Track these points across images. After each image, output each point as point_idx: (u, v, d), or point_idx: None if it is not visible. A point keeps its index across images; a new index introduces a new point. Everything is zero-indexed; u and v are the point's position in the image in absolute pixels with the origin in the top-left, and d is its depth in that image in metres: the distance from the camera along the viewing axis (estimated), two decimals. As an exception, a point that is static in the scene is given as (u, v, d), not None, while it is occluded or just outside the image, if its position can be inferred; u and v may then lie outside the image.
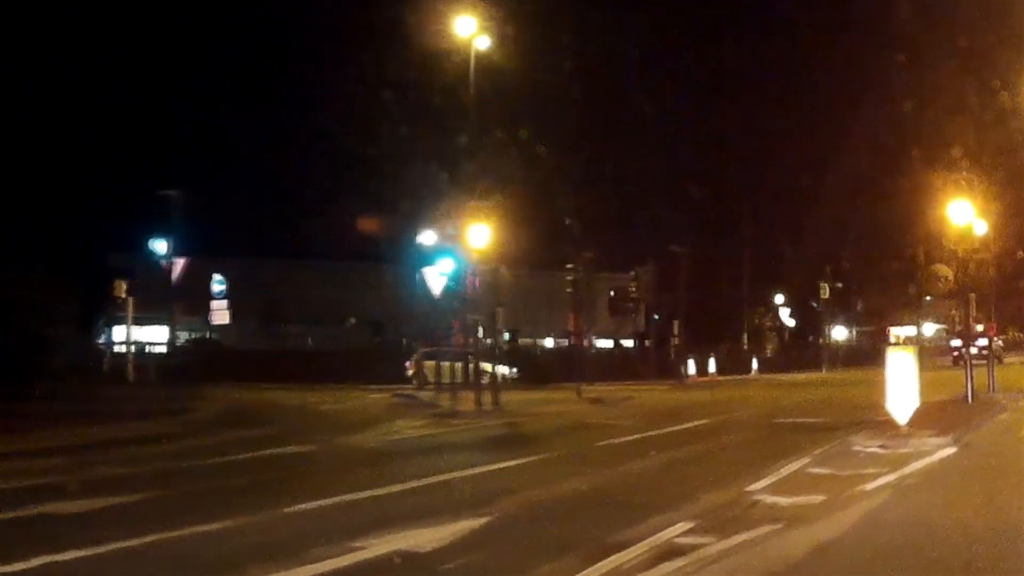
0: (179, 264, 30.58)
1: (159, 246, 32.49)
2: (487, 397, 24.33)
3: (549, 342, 55.23)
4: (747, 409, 22.98)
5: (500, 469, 13.45)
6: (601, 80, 48.21)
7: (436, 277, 29.05)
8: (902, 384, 14.77)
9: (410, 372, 37.18)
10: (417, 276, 31.42)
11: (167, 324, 51.09)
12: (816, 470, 12.49)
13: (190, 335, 62.53)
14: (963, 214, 19.44)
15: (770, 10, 50.60)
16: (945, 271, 22.08)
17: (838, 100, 45.63)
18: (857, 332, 72.62)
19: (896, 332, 79.11)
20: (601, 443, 16.35)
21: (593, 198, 49.30)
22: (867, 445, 14.44)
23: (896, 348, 14.76)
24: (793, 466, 12.79)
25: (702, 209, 51.94)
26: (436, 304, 30.25)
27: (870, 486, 11.01)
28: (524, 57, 37.21)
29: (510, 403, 26.04)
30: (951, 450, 13.99)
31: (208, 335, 60.04)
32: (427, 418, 22.72)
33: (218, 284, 47.80)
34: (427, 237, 31.69)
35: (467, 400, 24.48)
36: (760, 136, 54.62)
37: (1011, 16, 24.61)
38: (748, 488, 11.14)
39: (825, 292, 47.70)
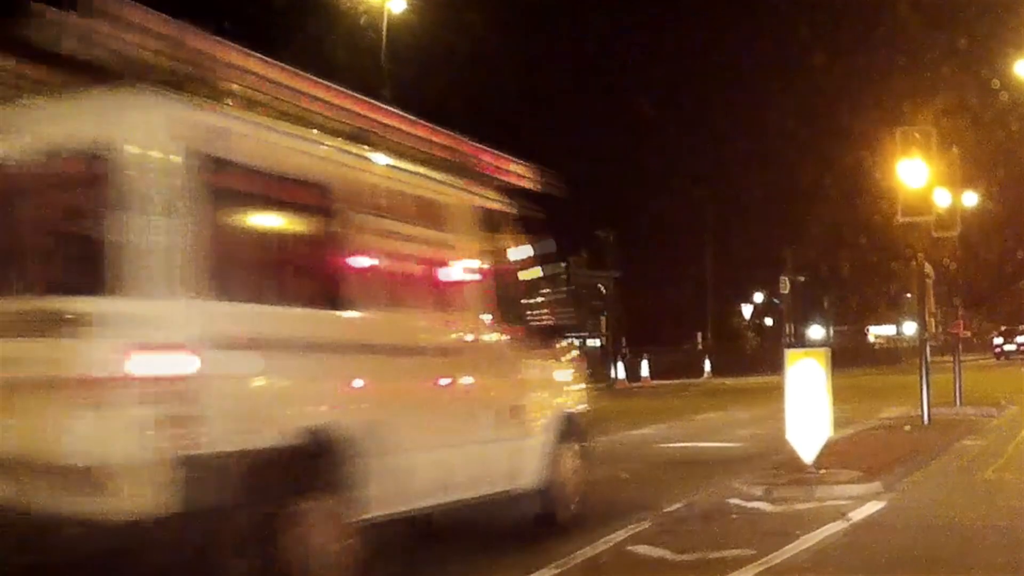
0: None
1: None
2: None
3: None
4: (648, 426, 18.20)
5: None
6: (533, 51, 43.48)
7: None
8: (807, 405, 9.97)
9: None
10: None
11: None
12: (641, 550, 7.67)
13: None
14: (916, 175, 14.62)
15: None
16: (927, 267, 18.01)
17: (812, 82, 40.99)
18: (834, 331, 67.73)
19: (875, 331, 74.56)
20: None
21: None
22: (753, 496, 9.65)
23: (798, 354, 9.85)
24: (615, 537, 8.01)
25: (657, 194, 47.15)
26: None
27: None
28: (444, 24, 32.78)
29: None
30: (875, 507, 9.16)
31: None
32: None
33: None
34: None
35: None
36: (725, 115, 49.71)
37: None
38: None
39: (785, 286, 42.82)
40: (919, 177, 14.74)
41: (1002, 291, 67.59)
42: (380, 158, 6.91)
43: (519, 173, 8.29)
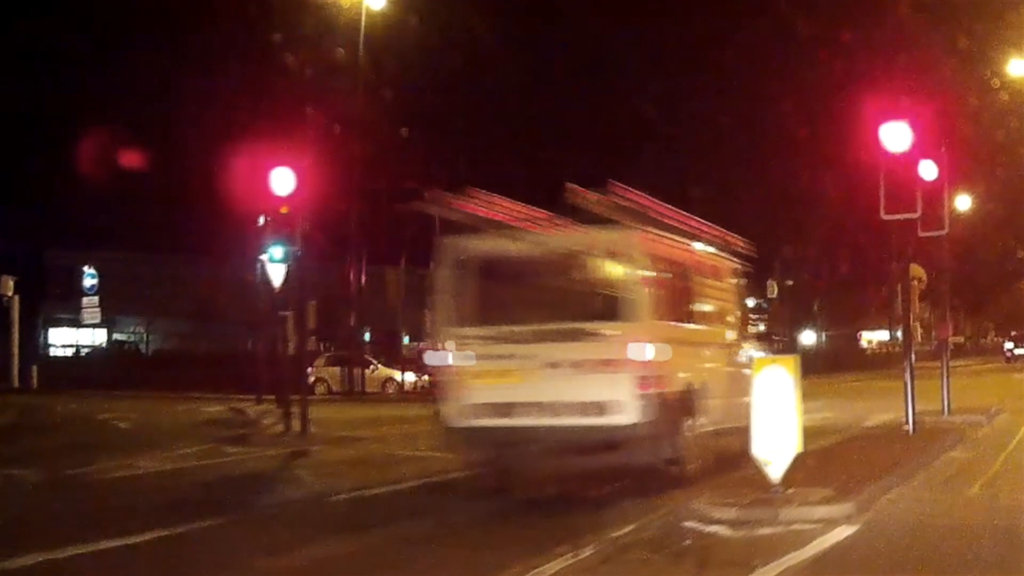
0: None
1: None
2: (297, 417, 18.64)
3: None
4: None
5: None
6: (529, 50, 42.64)
7: (273, 266, 23.36)
8: (774, 418, 9.06)
9: (312, 379, 31.48)
10: (258, 265, 25.68)
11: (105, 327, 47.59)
12: (576, 585, 6.79)
13: (128, 338, 57.40)
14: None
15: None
16: (918, 271, 17.16)
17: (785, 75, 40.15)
18: (826, 336, 66.71)
19: (868, 336, 73.62)
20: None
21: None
22: (711, 519, 8.72)
23: (765, 361, 8.98)
24: (548, 568, 7.11)
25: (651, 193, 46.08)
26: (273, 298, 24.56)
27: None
28: (424, 22, 32.07)
29: (347, 422, 21.02)
30: (846, 532, 8.25)
31: (145, 337, 55.00)
32: (210, 443, 17.34)
33: (89, 279, 42.08)
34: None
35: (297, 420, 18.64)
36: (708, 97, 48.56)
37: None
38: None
39: (773, 291, 41.76)
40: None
41: (1002, 291, 66.74)
42: (702, 246, 12.70)
43: (743, 245, 14.03)
